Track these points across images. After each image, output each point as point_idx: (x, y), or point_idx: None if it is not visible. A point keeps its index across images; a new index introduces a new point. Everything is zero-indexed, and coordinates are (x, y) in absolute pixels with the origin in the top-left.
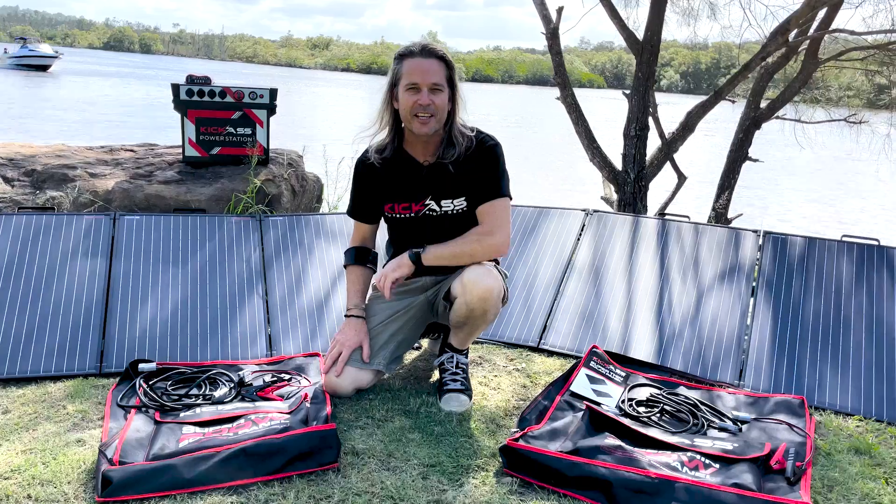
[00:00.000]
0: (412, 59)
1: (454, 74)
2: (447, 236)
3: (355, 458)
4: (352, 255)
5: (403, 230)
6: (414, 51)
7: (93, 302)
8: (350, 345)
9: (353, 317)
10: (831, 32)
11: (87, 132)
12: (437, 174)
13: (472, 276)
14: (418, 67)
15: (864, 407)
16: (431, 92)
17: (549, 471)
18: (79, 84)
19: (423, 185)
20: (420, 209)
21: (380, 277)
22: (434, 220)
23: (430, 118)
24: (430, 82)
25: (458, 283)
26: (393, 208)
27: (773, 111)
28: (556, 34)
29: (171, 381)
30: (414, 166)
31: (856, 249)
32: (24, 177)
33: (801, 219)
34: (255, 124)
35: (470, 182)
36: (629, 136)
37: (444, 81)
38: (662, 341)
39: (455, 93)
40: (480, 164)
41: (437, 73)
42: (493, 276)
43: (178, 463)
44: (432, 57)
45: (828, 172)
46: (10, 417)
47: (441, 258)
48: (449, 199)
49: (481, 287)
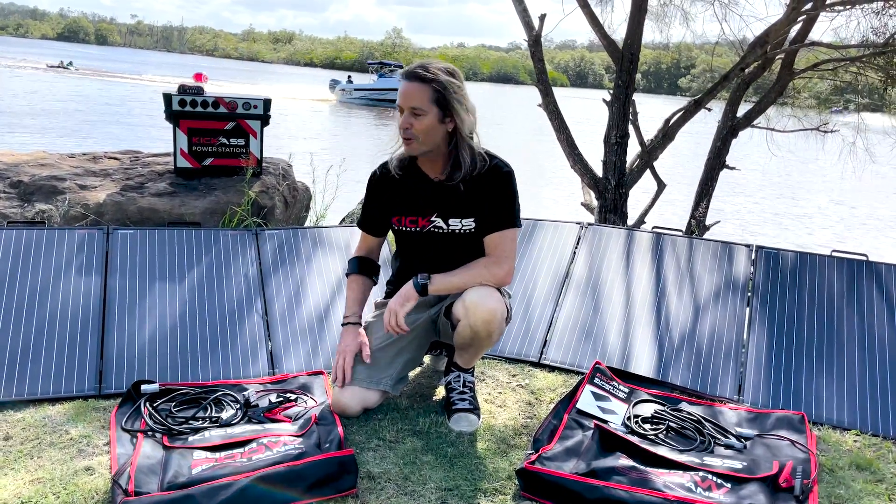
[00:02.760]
0: (402, 80)
1: (448, 95)
2: (452, 255)
3: (372, 482)
4: (355, 265)
5: (409, 244)
6: (404, 72)
7: (89, 319)
8: (351, 349)
9: (349, 324)
10: (807, 46)
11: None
12: (446, 192)
13: (475, 298)
14: (402, 90)
15: (860, 422)
16: (412, 115)
17: (567, 493)
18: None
19: (431, 200)
20: (426, 224)
21: (389, 316)
22: (439, 237)
23: (411, 140)
24: (409, 106)
25: (460, 306)
26: (400, 221)
27: (749, 120)
28: (538, 41)
29: (176, 402)
30: (424, 181)
31: (845, 265)
32: (10, 188)
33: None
34: (249, 135)
35: (481, 205)
36: (610, 143)
37: (425, 105)
38: (662, 356)
39: (451, 113)
40: (493, 190)
41: (417, 96)
42: (495, 297)
43: (197, 493)
44: (415, 80)
45: (797, 178)
46: (12, 444)
47: (448, 288)
48: (458, 218)
49: (484, 310)
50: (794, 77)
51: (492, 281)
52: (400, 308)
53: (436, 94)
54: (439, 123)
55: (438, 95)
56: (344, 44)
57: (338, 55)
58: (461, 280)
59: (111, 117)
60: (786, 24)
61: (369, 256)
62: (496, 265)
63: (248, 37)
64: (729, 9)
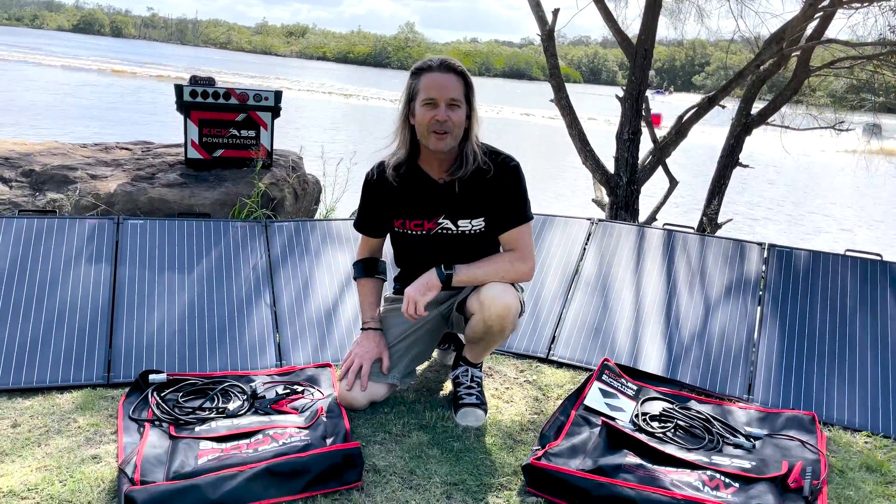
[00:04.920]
0: (430, 73)
1: (471, 92)
2: (460, 256)
3: (377, 475)
4: (360, 268)
5: (413, 247)
6: (433, 65)
7: (98, 309)
8: (370, 357)
9: (370, 329)
10: (823, 43)
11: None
12: (453, 193)
13: (491, 293)
14: (436, 82)
15: (871, 423)
16: (449, 108)
17: (574, 490)
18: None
19: (438, 203)
20: (433, 227)
21: (408, 303)
22: (448, 239)
23: (446, 135)
24: (448, 98)
25: (475, 300)
26: (404, 224)
27: (763, 118)
28: (551, 36)
29: (183, 392)
30: (429, 184)
31: (859, 265)
32: (23, 177)
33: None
34: (260, 127)
35: (490, 203)
36: (622, 139)
37: (461, 97)
38: (672, 354)
39: (472, 110)
40: (503, 186)
41: (455, 88)
42: (510, 293)
43: (202, 483)
44: (451, 72)
45: (809, 177)
46: (20, 431)
47: (472, 280)
48: (467, 218)
49: (500, 304)
50: (811, 75)
51: (516, 277)
52: (421, 297)
53: (466, 89)
54: (466, 119)
55: (468, 90)
56: (357, 38)
57: (351, 49)
58: (485, 273)
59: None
60: (802, 21)
61: (373, 255)
62: (521, 261)
63: (261, 30)
64: (745, 5)
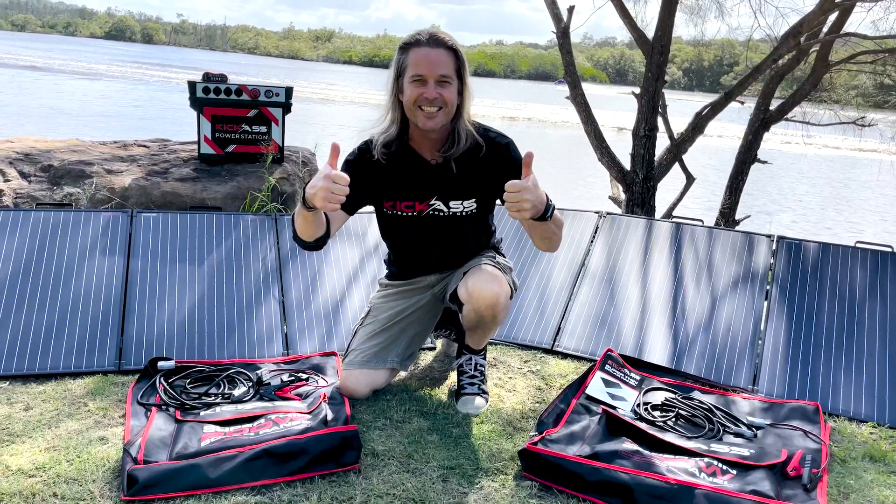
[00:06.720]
0: (419, 48)
1: (463, 66)
2: (451, 237)
3: (375, 459)
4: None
5: (403, 228)
6: (421, 40)
7: (111, 299)
8: (325, 172)
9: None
10: (843, 36)
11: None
12: (446, 174)
13: (478, 283)
14: (425, 58)
15: (877, 414)
16: (439, 84)
17: (569, 475)
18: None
19: (430, 184)
20: (424, 209)
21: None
22: (439, 220)
23: (438, 112)
24: (438, 74)
25: (463, 289)
26: (394, 206)
27: (782, 113)
28: (566, 33)
29: (190, 379)
30: (421, 164)
31: (869, 256)
32: (41, 172)
33: (806, 221)
34: (271, 122)
35: (483, 184)
36: (638, 135)
37: (452, 73)
38: (677, 345)
39: (464, 86)
40: (497, 166)
41: (446, 64)
42: (497, 280)
43: (203, 463)
44: (441, 47)
45: (831, 172)
46: (31, 414)
47: (558, 224)
48: (458, 200)
49: (487, 294)
50: (830, 69)
51: (560, 241)
52: (531, 195)
53: (457, 64)
54: (458, 96)
55: (459, 65)
56: (383, 42)
57: (377, 53)
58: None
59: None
60: (819, 15)
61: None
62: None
63: (288, 35)
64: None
